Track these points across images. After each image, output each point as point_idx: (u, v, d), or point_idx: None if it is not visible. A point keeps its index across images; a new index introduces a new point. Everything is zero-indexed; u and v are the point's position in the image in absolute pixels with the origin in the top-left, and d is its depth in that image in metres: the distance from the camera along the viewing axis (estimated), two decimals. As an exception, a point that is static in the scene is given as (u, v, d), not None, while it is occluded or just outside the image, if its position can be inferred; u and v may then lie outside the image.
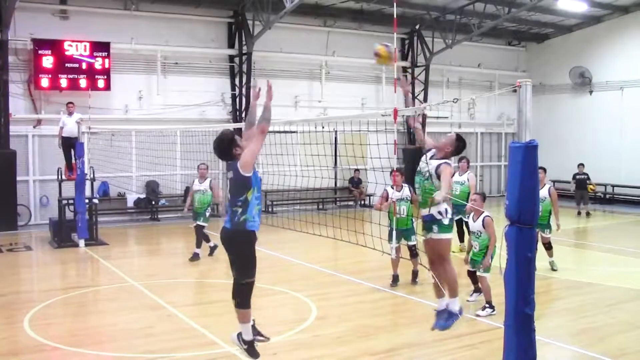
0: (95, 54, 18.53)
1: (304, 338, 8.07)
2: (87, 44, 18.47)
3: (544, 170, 11.41)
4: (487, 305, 8.82)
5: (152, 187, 19.11)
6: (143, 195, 19.02)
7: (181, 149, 18.31)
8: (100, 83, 18.58)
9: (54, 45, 18.18)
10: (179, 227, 17.35)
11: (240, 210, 5.75)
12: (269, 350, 7.01)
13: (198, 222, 12.91)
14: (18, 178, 17.65)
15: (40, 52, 18.00)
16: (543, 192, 11.09)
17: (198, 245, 13.04)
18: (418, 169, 6.53)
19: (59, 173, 15.70)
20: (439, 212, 6.35)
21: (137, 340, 7.95)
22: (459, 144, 6.52)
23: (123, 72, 19.22)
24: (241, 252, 5.84)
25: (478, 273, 9.00)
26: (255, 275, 5.89)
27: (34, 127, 18.40)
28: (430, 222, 6.43)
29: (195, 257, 13.00)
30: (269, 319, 8.49)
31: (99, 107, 18.51)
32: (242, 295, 5.82)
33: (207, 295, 10.89)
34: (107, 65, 18.66)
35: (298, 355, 7.46)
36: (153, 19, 19.76)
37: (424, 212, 6.45)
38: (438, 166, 6.29)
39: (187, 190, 15.78)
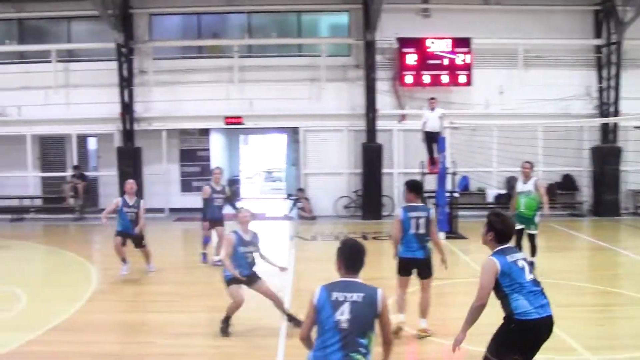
0: (456, 49, 20.79)
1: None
2: (449, 41, 20.80)
3: None
4: None
5: (512, 183, 20.55)
6: (503, 191, 20.59)
7: (543, 145, 19.54)
8: (462, 78, 20.75)
9: (417, 43, 20.83)
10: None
11: None
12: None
13: (528, 230, 12.50)
14: (383, 170, 20.82)
15: (404, 50, 20.86)
16: None
17: (532, 254, 12.53)
18: None
19: (422, 166, 17.99)
20: None
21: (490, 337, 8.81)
22: None
23: (484, 67, 21.10)
24: None
25: None
26: None
27: (399, 122, 21.44)
28: None
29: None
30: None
31: (460, 102, 20.72)
32: None
33: (565, 297, 10.77)
34: (468, 61, 20.81)
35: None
36: (513, 12, 21.26)
37: None
38: None
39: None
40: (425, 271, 8.72)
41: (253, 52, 22.24)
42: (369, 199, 20.79)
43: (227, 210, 13.95)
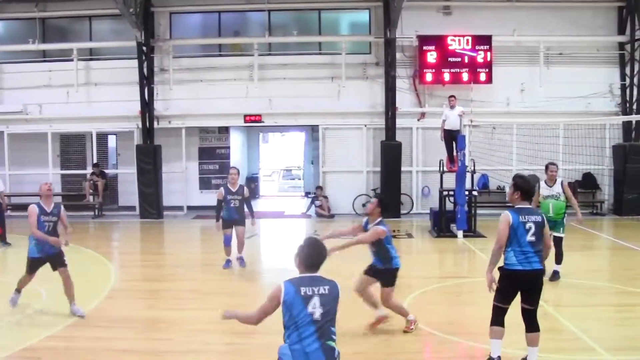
0: (477, 47, 21.60)
1: None
2: (469, 38, 21.63)
3: None
4: None
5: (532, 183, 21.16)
6: (522, 189, 21.20)
7: (564, 143, 20.10)
8: (482, 76, 21.57)
9: (438, 41, 21.70)
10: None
11: None
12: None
13: (556, 233, 11.93)
14: (402, 168, 21.66)
15: (424, 47, 21.74)
16: None
17: (558, 261, 12.33)
18: None
19: (441, 165, 18.63)
20: None
21: (510, 337, 8.17)
22: None
23: (504, 64, 21.90)
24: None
25: None
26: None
27: (418, 120, 22.31)
28: None
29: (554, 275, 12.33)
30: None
31: (480, 100, 21.34)
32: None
33: (586, 297, 11.11)
34: (488, 59, 21.60)
35: None
36: (535, 9, 22.03)
37: None
38: None
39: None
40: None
41: (273, 50, 23.20)
42: (389, 198, 21.42)
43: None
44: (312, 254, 5.54)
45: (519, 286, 7.36)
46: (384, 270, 8.86)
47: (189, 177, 23.84)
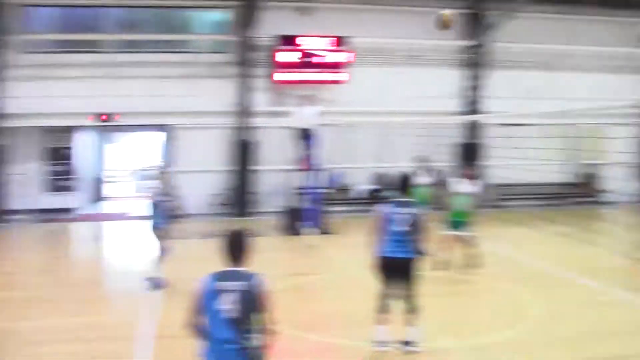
0: (334, 48, 22.43)
1: (519, 338, 9.02)
2: (327, 39, 22.39)
3: None
4: None
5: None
6: (375, 187, 21.89)
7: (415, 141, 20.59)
8: (338, 76, 22.57)
9: (296, 41, 22.30)
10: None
11: None
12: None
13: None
14: (256, 167, 21.95)
15: (283, 47, 22.25)
16: None
17: None
18: None
19: (294, 163, 18.81)
20: None
21: (357, 330, 8.95)
22: None
23: (361, 65, 22.56)
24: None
25: None
26: None
27: (273, 118, 22.03)
28: None
29: None
30: (485, 316, 10.19)
31: (335, 100, 21.86)
32: None
33: None
34: (345, 59, 22.44)
35: (512, 357, 8.53)
36: (392, 12, 23.04)
37: None
38: None
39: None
40: None
41: (131, 48, 22.51)
42: (241, 197, 21.94)
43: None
44: (230, 246, 5.37)
45: None
46: None
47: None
